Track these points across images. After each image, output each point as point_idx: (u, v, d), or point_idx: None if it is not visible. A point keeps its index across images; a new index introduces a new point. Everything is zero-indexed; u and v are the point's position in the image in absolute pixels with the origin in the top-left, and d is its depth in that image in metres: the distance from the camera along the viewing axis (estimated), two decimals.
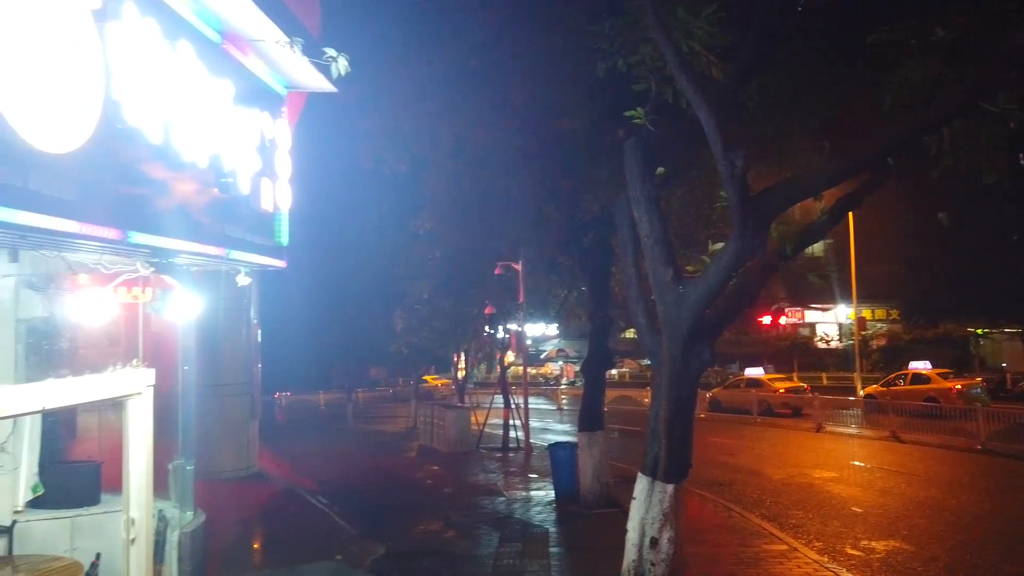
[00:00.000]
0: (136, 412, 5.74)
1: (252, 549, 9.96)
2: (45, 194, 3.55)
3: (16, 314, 7.02)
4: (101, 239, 4.06)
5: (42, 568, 6.26)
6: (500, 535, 10.41)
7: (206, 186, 5.25)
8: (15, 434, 7.00)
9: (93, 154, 3.89)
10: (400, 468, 17.06)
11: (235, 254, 5.66)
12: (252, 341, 14.94)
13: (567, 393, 36.47)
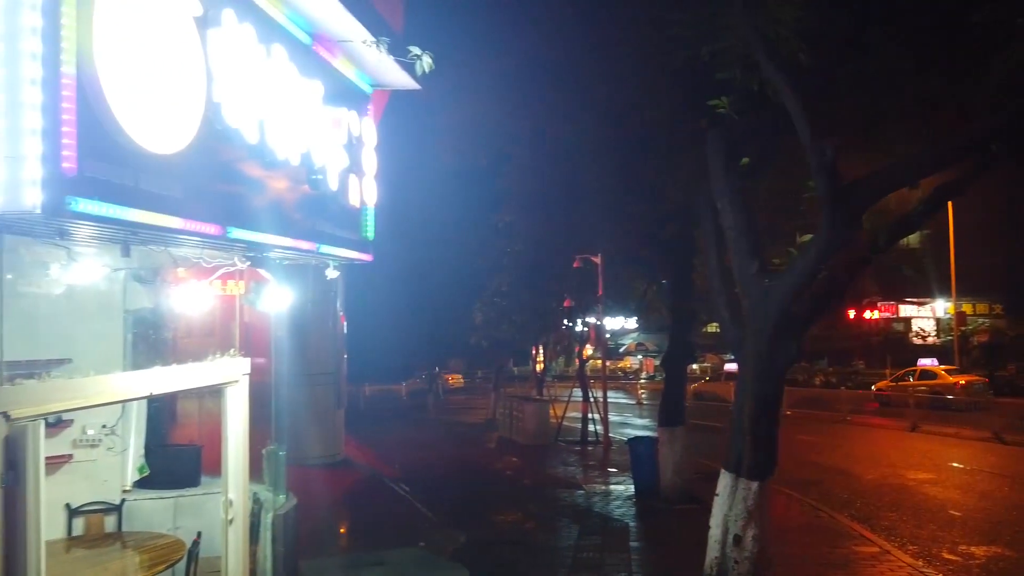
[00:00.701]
0: (233, 399, 6.03)
1: (339, 533, 10.31)
2: (154, 193, 3.78)
3: (124, 305, 7.48)
4: (203, 235, 4.29)
5: (148, 544, 6.67)
6: (580, 528, 10.43)
7: (298, 183, 5.46)
8: (123, 418, 7.47)
9: (196, 154, 4.11)
10: (480, 459, 17.29)
11: (325, 248, 5.87)
12: (338, 332, 15.42)
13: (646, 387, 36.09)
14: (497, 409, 23.67)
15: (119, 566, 6.21)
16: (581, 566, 8.72)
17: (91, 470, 7.18)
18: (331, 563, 8.78)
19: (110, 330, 7.24)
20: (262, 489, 6.98)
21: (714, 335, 33.77)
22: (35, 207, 3.12)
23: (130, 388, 4.96)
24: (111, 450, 7.32)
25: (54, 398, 4.27)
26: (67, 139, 3.18)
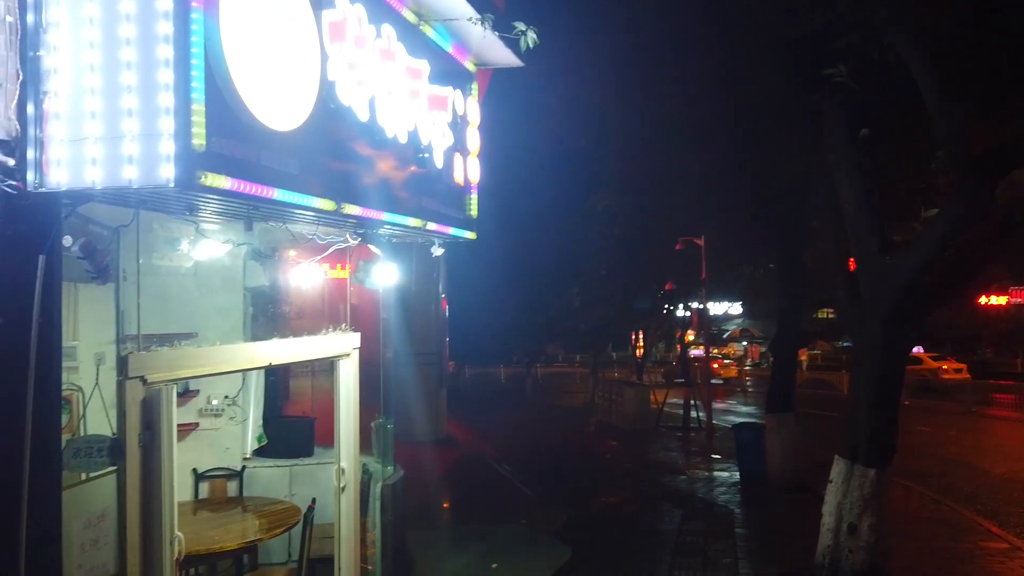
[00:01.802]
0: (345, 372, 6.27)
1: (443, 507, 10.57)
2: (274, 168, 3.95)
3: (244, 283, 7.89)
4: (318, 210, 4.45)
5: (266, 509, 7.04)
6: (682, 512, 10.28)
7: (405, 161, 5.58)
8: (243, 390, 7.90)
9: (311, 131, 4.27)
10: (579, 442, 17.29)
11: (431, 225, 5.98)
12: (440, 314, 15.76)
13: (751, 374, 35.05)
14: (596, 393, 23.58)
15: (240, 528, 6.59)
16: (684, 549, 8.59)
17: (215, 438, 7.65)
18: (435, 535, 9.03)
19: (232, 305, 7.66)
20: (371, 461, 7.22)
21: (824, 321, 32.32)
22: (168, 181, 3.31)
23: (252, 357, 5.24)
24: (232, 420, 7.76)
25: (184, 365, 4.56)
26: (196, 116, 3.36)
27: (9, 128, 3.39)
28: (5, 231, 3.40)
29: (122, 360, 4.16)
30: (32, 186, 3.44)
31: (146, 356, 4.29)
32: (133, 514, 4.13)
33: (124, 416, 4.15)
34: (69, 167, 3.43)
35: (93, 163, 3.40)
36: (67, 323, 4.91)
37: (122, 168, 3.37)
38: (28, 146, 3.44)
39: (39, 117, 3.45)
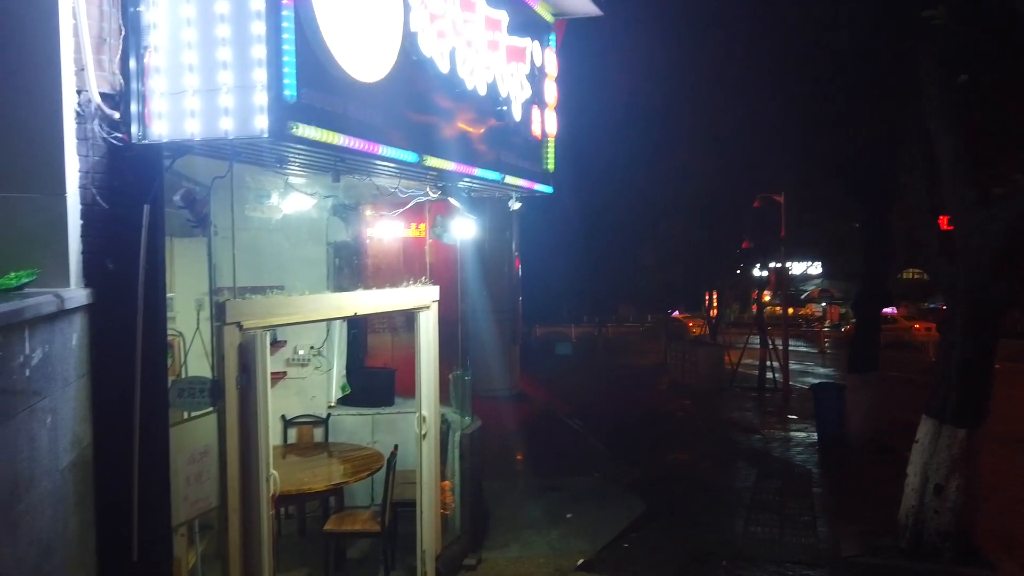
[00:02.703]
0: (425, 323, 6.41)
1: (517, 459, 10.78)
2: (360, 120, 4.03)
3: (327, 237, 8.12)
4: (401, 162, 4.52)
5: (351, 454, 7.34)
6: (757, 471, 10.18)
7: (484, 114, 5.58)
8: (328, 341, 8.19)
9: (394, 83, 4.32)
10: (651, 400, 17.23)
11: (509, 179, 5.99)
12: (513, 272, 15.84)
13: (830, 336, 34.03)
14: (668, 353, 23.38)
15: (326, 471, 6.89)
16: (760, 507, 8.54)
17: (302, 386, 7.99)
18: (510, 485, 9.23)
19: (316, 259, 7.92)
20: (449, 411, 7.41)
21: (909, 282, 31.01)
22: (262, 131, 3.43)
23: (339, 306, 5.42)
24: (318, 369, 8.08)
25: (276, 312, 4.75)
26: (287, 67, 3.45)
27: (113, 82, 3.55)
28: (112, 182, 3.59)
29: (220, 307, 4.37)
30: (136, 138, 3.61)
31: (242, 303, 4.49)
32: (232, 451, 4.38)
33: (222, 360, 4.37)
34: (169, 119, 3.58)
35: (191, 115, 3.54)
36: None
37: (218, 120, 3.50)
38: (131, 100, 3.60)
39: (140, 71, 3.60)
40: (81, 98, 3.43)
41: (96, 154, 3.51)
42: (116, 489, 3.53)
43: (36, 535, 2.74)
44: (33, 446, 2.72)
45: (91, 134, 3.49)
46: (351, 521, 6.49)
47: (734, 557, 6.98)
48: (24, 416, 2.64)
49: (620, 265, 26.42)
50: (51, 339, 2.94)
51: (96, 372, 3.46)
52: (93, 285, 3.46)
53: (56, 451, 2.97)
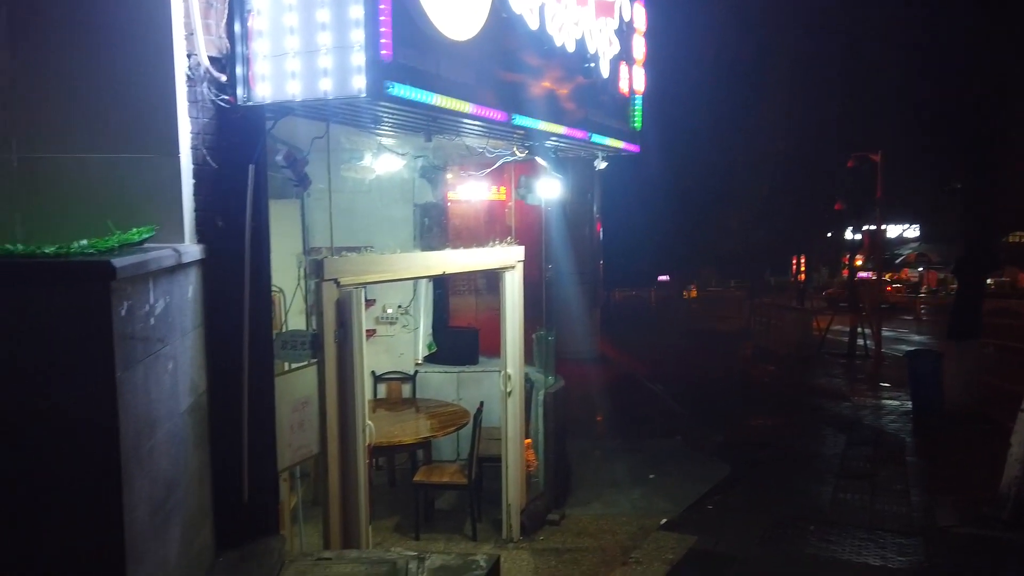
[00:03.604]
0: (510, 282, 6.49)
1: (599, 420, 10.84)
2: (452, 79, 4.07)
3: (414, 199, 8.28)
4: (491, 121, 4.55)
5: (438, 410, 7.55)
6: (847, 438, 9.92)
7: (571, 71, 5.53)
8: (415, 300, 8.40)
9: (484, 41, 4.33)
10: (733, 365, 16.94)
11: (596, 138, 5.93)
12: (594, 235, 15.76)
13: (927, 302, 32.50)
14: (752, 318, 22.87)
15: (414, 426, 7.12)
16: (850, 474, 8.33)
17: (390, 344, 8.24)
18: (591, 445, 9.31)
19: (403, 219, 8.10)
20: (532, 371, 7.50)
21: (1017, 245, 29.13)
22: (359, 91, 3.51)
23: (429, 265, 5.55)
24: (405, 328, 8.30)
25: (371, 270, 4.90)
26: (384, 27, 3.51)
27: (220, 46, 3.69)
28: (220, 143, 3.75)
29: (318, 264, 4.54)
30: (241, 100, 3.76)
31: (339, 261, 4.66)
32: (331, 402, 4.59)
33: (321, 315, 4.56)
34: (272, 81, 3.70)
35: (292, 77, 3.65)
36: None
37: (318, 81, 3.60)
38: (236, 63, 3.74)
39: (245, 34, 3.72)
40: (191, 62, 3.58)
41: (205, 116, 3.67)
42: (228, 434, 3.76)
43: (161, 472, 2.96)
44: (159, 389, 2.93)
45: (200, 96, 3.65)
46: (439, 473, 6.70)
47: (823, 523, 6.87)
48: (150, 361, 2.83)
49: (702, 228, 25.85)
50: (171, 291, 3.13)
51: (209, 323, 3.68)
52: (205, 241, 3.65)
53: (177, 395, 3.18)
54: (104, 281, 2.45)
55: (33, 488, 2.50)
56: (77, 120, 3.43)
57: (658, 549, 6.23)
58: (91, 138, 3.43)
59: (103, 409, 2.47)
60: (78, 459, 2.50)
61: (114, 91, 3.43)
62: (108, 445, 2.49)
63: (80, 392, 2.48)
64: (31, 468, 2.49)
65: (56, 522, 2.52)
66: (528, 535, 6.49)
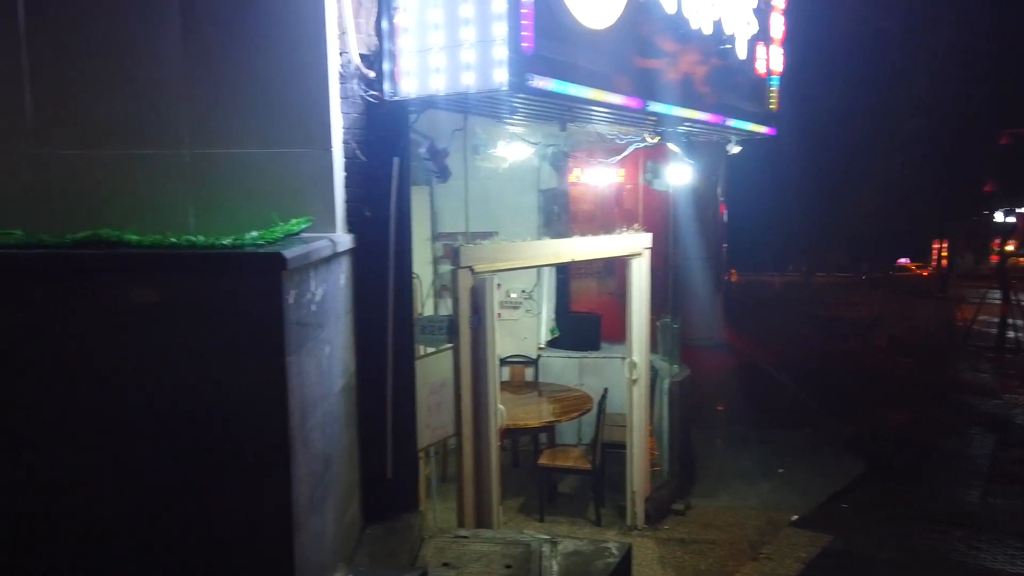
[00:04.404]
0: (637, 270, 6.44)
1: (722, 409, 10.60)
2: (589, 69, 4.07)
3: (538, 185, 8.35)
4: (625, 109, 4.51)
5: (560, 395, 7.63)
6: (996, 438, 9.23)
7: (707, 54, 5.39)
8: (538, 286, 8.49)
9: (621, 28, 4.29)
10: (864, 356, 16.07)
11: (731, 122, 5.77)
12: (718, 218, 15.30)
13: None
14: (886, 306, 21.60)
15: (536, 409, 7.23)
16: (1001, 477, 7.77)
17: (514, 328, 8.38)
18: (716, 435, 9.13)
19: (528, 206, 8.19)
20: (656, 359, 7.43)
21: None
22: (501, 85, 3.57)
23: (557, 252, 5.59)
24: (529, 312, 8.42)
25: (503, 257, 5.00)
26: (525, 20, 3.55)
27: (369, 43, 3.86)
28: (368, 137, 3.93)
29: (455, 251, 4.68)
30: (387, 95, 3.92)
31: (474, 248, 4.78)
32: (466, 385, 4.74)
33: (457, 301, 4.70)
34: (416, 76, 3.83)
35: (436, 71, 3.77)
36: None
37: (460, 75, 3.69)
38: (383, 59, 3.90)
39: (391, 31, 3.87)
40: (343, 59, 3.76)
41: (355, 111, 3.85)
42: (373, 413, 3.97)
43: (320, 448, 3.17)
44: (318, 371, 3.13)
45: (351, 93, 3.83)
46: (563, 457, 6.78)
47: (970, 528, 6.45)
48: (312, 345, 3.03)
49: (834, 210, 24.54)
50: (328, 279, 3.33)
51: (357, 309, 3.88)
52: (353, 231, 3.85)
53: (332, 377, 3.39)
54: (276, 271, 2.64)
55: (211, 461, 2.74)
56: (242, 117, 3.68)
57: (790, 546, 6.05)
58: (254, 134, 3.67)
59: (275, 390, 2.68)
60: (252, 435, 2.72)
61: (275, 89, 3.65)
62: (279, 423, 2.70)
63: (254, 374, 2.69)
64: (210, 442, 2.73)
65: (230, 492, 2.75)
66: (653, 524, 6.47)
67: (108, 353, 2.71)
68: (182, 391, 2.70)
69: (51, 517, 2.77)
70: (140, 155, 3.56)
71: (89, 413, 2.73)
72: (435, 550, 3.85)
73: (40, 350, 2.72)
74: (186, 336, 2.69)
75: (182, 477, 2.74)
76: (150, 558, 2.79)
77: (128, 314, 2.67)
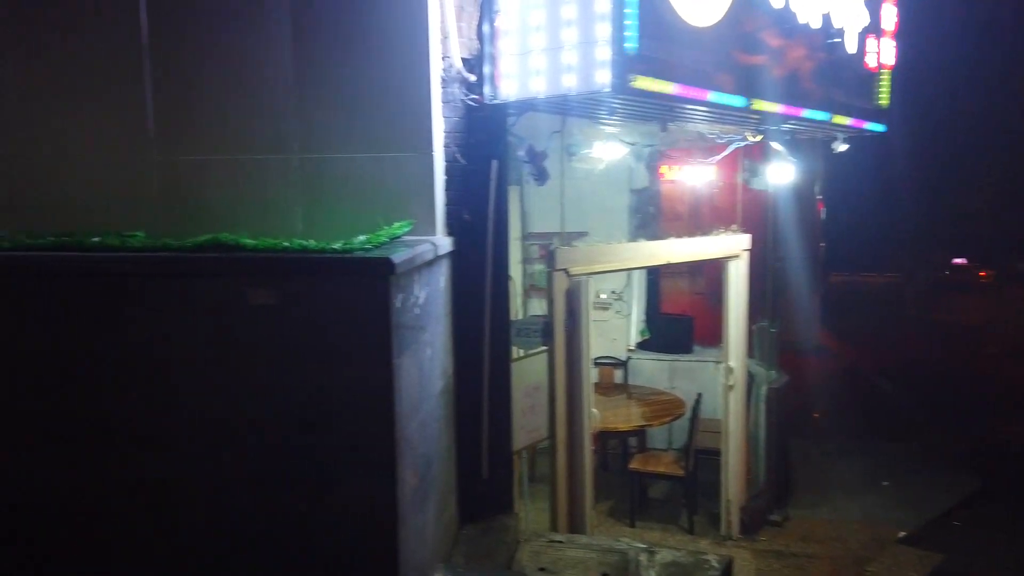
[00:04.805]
0: (734, 272, 6.26)
1: (818, 416, 10.19)
2: (692, 67, 3.97)
3: (629, 184, 8.23)
4: (728, 108, 4.38)
5: (651, 398, 7.50)
6: None
7: (814, 49, 5.17)
8: (628, 287, 8.38)
9: (726, 25, 4.16)
10: (975, 363, 15.12)
11: (838, 119, 5.52)
12: (816, 216, 14.73)
13: None
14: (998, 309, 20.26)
15: (626, 412, 7.14)
16: None
17: (603, 329, 8.29)
18: (814, 444, 8.77)
19: (619, 206, 8.09)
20: (752, 363, 7.20)
21: None
22: (603, 86, 3.53)
23: (653, 254, 5.50)
24: (619, 313, 8.32)
25: (599, 260, 4.95)
26: (629, 20, 3.49)
27: (471, 47, 3.88)
28: (467, 140, 3.96)
29: (550, 254, 4.66)
30: (487, 98, 3.93)
31: (569, 251, 4.75)
32: (560, 388, 4.71)
33: (552, 303, 4.68)
34: (516, 79, 3.83)
35: (537, 74, 3.76)
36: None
37: (561, 77, 3.67)
38: (484, 62, 3.91)
39: (492, 35, 3.88)
40: (445, 64, 3.80)
41: (455, 115, 3.89)
42: (470, 414, 4.00)
43: (423, 448, 3.21)
44: (420, 373, 3.18)
45: (452, 97, 3.86)
46: (655, 463, 6.67)
47: None
48: (415, 348, 3.08)
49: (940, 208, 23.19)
50: (430, 282, 3.37)
51: (455, 311, 3.92)
52: (452, 234, 3.89)
53: (433, 378, 3.43)
54: (385, 276, 2.69)
55: (320, 457, 2.82)
56: (348, 123, 3.77)
57: (897, 564, 5.75)
58: (359, 139, 3.76)
59: (383, 391, 2.73)
60: (360, 434, 2.79)
61: (379, 95, 3.72)
62: (386, 424, 2.75)
63: (363, 375, 2.75)
64: (318, 439, 2.81)
65: (337, 488, 2.83)
66: (748, 534, 6.28)
67: (225, 352, 2.83)
68: (294, 390, 2.79)
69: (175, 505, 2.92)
70: (253, 160, 3.70)
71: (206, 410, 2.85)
72: (531, 553, 3.84)
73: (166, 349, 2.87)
74: (298, 337, 2.78)
75: (291, 471, 2.83)
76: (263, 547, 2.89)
77: (245, 315, 2.78)
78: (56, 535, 3.07)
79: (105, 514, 3.00)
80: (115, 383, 2.92)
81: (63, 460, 3.00)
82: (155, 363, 2.87)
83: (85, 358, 2.95)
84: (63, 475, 3.02)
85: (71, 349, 2.95)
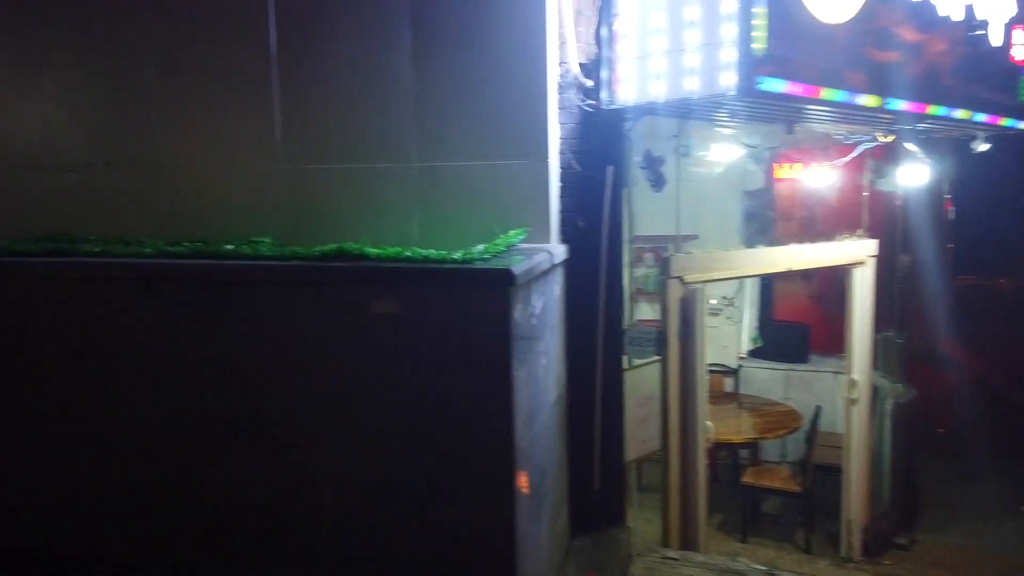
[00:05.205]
0: (860, 280, 5.92)
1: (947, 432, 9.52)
2: (822, 67, 3.76)
3: (742, 186, 7.94)
4: (859, 108, 4.13)
5: (764, 409, 7.20)
6: None
7: (953, 43, 4.81)
8: (740, 292, 8.08)
9: (859, 20, 3.92)
10: None
11: (979, 117, 5.11)
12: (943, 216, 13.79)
13: None
14: None
15: (735, 423, 6.88)
16: None
17: (714, 335, 8.00)
18: (941, 463, 8.20)
19: (732, 208, 7.80)
20: (877, 375, 6.80)
21: None
22: (728, 89, 3.39)
23: (773, 261, 5.27)
24: (730, 319, 8.04)
25: (715, 267, 4.78)
26: (758, 19, 3.33)
27: (588, 52, 3.82)
28: (583, 146, 3.90)
29: (664, 261, 4.54)
30: (604, 104, 3.86)
31: (684, 258, 4.61)
32: (673, 399, 4.58)
33: (666, 312, 4.56)
34: (635, 83, 3.75)
35: (656, 77, 3.65)
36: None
37: (683, 80, 3.55)
38: (601, 67, 3.84)
39: (610, 39, 3.81)
40: (562, 69, 3.76)
41: (571, 121, 3.84)
42: (582, 424, 3.94)
43: (538, 459, 3.19)
44: (537, 383, 3.15)
45: (568, 103, 3.82)
46: (769, 477, 6.41)
47: None
48: (532, 358, 3.05)
49: None
50: (546, 291, 3.33)
51: (569, 320, 3.87)
52: (566, 241, 3.84)
53: (547, 388, 3.40)
54: (505, 287, 2.67)
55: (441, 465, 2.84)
56: (464, 131, 3.78)
57: None
58: (475, 146, 3.76)
59: (502, 401, 2.72)
60: (480, 443, 2.78)
61: (495, 103, 3.71)
62: (505, 434, 2.74)
63: (483, 385, 2.75)
64: (439, 448, 2.83)
65: (458, 496, 2.83)
66: (870, 557, 5.92)
67: (347, 359, 2.89)
68: (416, 400, 2.81)
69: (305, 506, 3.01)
70: (373, 168, 3.78)
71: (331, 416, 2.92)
72: (644, 569, 3.75)
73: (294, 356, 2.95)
74: (418, 347, 2.80)
75: (414, 479, 2.86)
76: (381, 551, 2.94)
77: (368, 323, 2.83)
78: (209, 529, 3.24)
79: (241, 509, 3.13)
80: (260, 386, 3.02)
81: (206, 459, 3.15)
82: (282, 367, 2.96)
83: (222, 361, 3.08)
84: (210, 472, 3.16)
85: (211, 354, 3.08)
